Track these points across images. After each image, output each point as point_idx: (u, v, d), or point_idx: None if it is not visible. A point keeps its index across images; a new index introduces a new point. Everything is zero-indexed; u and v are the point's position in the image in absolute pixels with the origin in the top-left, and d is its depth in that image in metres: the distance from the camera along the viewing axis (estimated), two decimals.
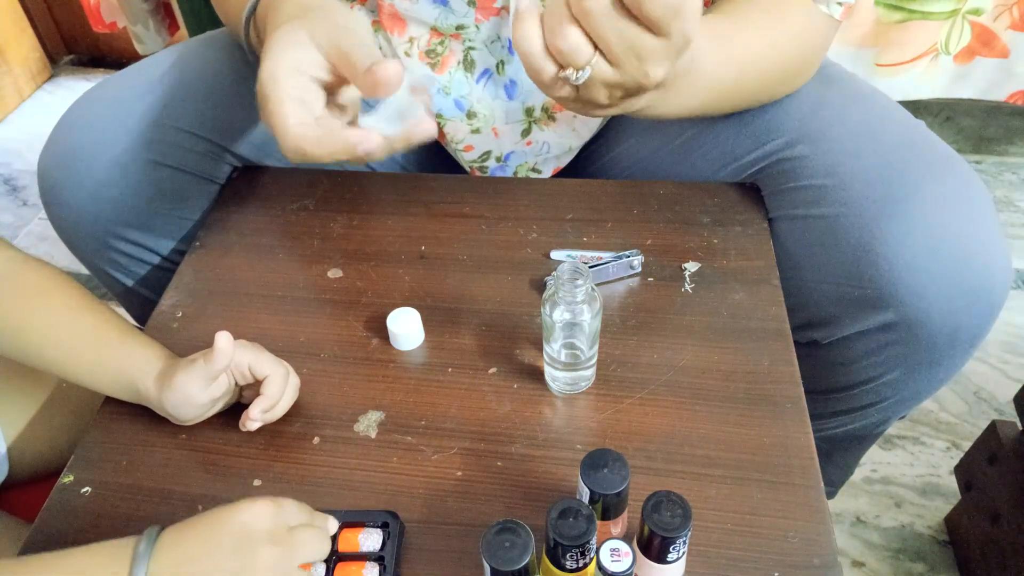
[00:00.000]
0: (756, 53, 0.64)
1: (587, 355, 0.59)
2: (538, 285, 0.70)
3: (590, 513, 0.42)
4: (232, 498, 0.56)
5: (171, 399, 0.57)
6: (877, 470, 1.10)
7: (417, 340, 0.66)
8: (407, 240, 0.75)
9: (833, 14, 0.65)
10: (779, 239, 0.71)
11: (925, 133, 0.68)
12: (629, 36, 0.46)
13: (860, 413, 0.76)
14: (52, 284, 0.61)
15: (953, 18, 1.24)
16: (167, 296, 0.71)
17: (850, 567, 1.00)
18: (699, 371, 0.62)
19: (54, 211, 0.76)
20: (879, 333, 0.66)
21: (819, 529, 0.53)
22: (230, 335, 0.55)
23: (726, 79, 0.63)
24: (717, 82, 0.63)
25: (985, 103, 1.47)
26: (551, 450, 0.58)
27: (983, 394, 1.19)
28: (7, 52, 1.80)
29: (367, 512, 0.54)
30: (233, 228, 0.77)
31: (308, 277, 0.72)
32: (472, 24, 0.72)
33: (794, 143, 0.69)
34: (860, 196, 0.64)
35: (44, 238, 1.51)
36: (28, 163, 1.69)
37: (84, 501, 0.57)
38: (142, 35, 1.50)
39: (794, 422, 0.58)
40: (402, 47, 0.76)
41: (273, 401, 0.58)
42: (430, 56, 0.76)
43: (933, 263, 0.61)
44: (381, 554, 0.52)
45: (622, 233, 0.73)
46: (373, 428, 0.60)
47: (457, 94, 0.77)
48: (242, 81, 0.77)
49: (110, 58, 1.97)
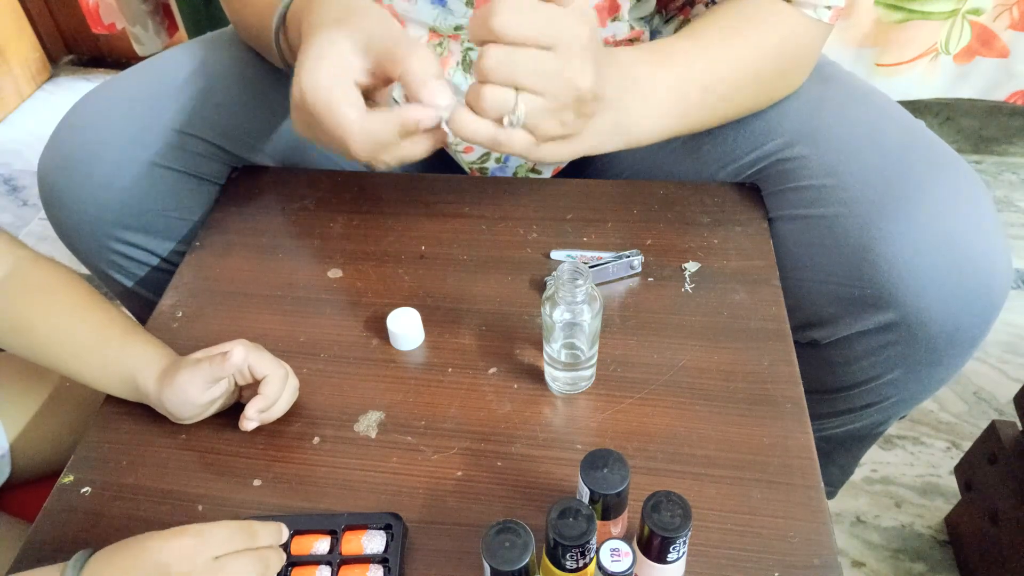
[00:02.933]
0: (727, 68, 0.65)
1: (587, 355, 0.59)
2: (538, 285, 0.70)
3: (590, 513, 0.42)
4: (232, 498, 0.57)
5: (171, 398, 0.57)
6: (877, 470, 1.10)
7: (417, 340, 0.66)
8: (407, 240, 0.75)
9: (822, 18, 0.65)
10: (779, 239, 0.71)
11: (925, 133, 0.68)
12: (528, 63, 0.49)
13: (860, 413, 0.76)
14: (60, 282, 0.62)
15: (953, 18, 1.24)
16: (167, 296, 0.71)
17: (850, 567, 1.00)
18: (699, 371, 0.62)
19: (54, 213, 0.76)
20: (879, 333, 0.66)
21: (819, 529, 0.53)
22: (246, 352, 0.56)
23: (691, 97, 0.64)
24: (682, 98, 0.64)
25: (985, 103, 1.47)
26: (551, 450, 0.58)
27: (983, 394, 1.19)
28: (7, 52, 1.80)
29: (370, 515, 0.54)
30: (233, 228, 0.77)
31: (308, 277, 0.72)
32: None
33: (794, 143, 0.69)
34: (860, 196, 0.64)
35: (44, 238, 1.51)
36: (28, 163, 1.69)
37: (84, 501, 0.57)
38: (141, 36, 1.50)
39: (794, 422, 0.58)
40: None
41: (270, 401, 0.58)
42: None
43: (933, 263, 0.61)
44: (385, 556, 0.52)
45: (622, 233, 0.73)
46: (373, 428, 0.60)
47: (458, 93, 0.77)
48: (242, 82, 0.77)
49: (110, 58, 1.97)
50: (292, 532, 0.53)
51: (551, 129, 0.54)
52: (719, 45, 0.65)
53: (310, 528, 0.53)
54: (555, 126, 0.54)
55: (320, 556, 0.52)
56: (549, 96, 0.52)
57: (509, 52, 0.49)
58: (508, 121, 0.52)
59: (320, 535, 0.53)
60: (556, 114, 0.53)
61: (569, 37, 0.50)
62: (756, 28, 0.65)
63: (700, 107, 0.65)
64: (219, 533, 0.46)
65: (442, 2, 0.71)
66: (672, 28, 0.78)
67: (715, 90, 0.65)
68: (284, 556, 0.50)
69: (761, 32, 0.65)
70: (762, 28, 0.65)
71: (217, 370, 0.56)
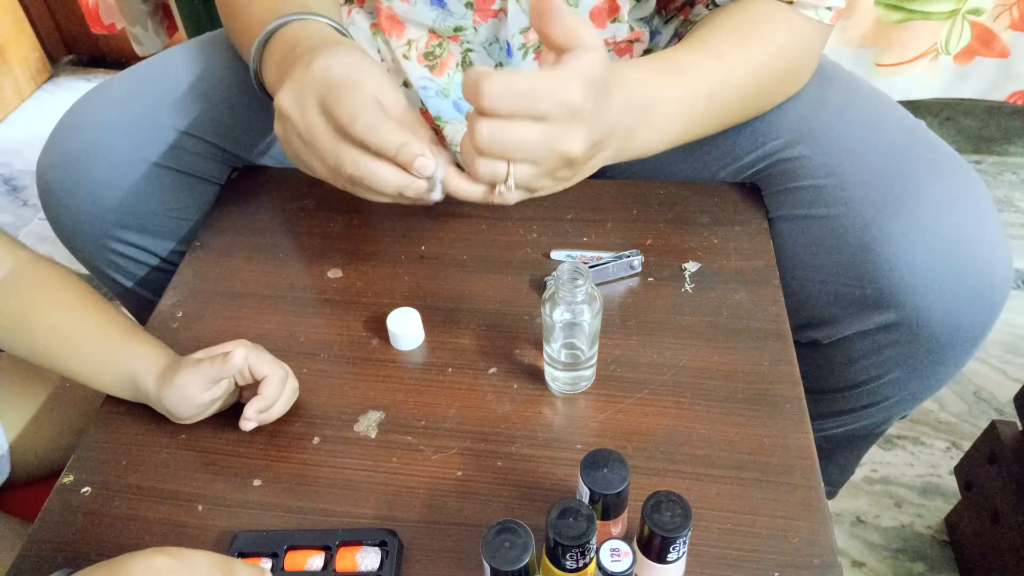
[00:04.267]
0: (734, 76, 0.65)
1: (587, 355, 0.59)
2: (538, 285, 0.70)
3: (590, 513, 0.42)
4: (232, 498, 0.57)
5: (171, 397, 0.57)
6: (877, 470, 1.10)
7: (417, 340, 0.66)
8: (407, 240, 0.75)
9: (823, 19, 0.65)
10: (780, 239, 0.71)
11: (925, 132, 0.68)
12: (517, 137, 0.50)
13: (861, 413, 0.76)
14: (59, 283, 0.62)
15: (953, 18, 1.24)
16: (167, 296, 0.71)
17: (850, 567, 1.00)
18: (699, 371, 0.62)
19: (53, 213, 0.76)
20: (880, 333, 0.66)
21: (819, 529, 0.53)
22: (247, 353, 0.56)
23: (697, 107, 0.64)
24: (688, 111, 0.63)
25: (985, 103, 1.47)
26: (551, 450, 0.58)
27: (983, 394, 1.19)
28: (7, 52, 1.80)
29: (365, 530, 0.53)
30: (233, 228, 0.77)
31: (308, 277, 0.72)
32: (470, 26, 0.72)
33: (794, 143, 0.69)
34: (861, 196, 0.64)
35: (44, 238, 1.51)
36: (28, 163, 1.69)
37: (84, 501, 0.57)
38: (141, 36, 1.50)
39: (794, 422, 0.58)
40: (400, 50, 0.76)
41: (269, 402, 0.58)
42: (428, 58, 0.76)
43: (934, 263, 0.61)
44: (380, 573, 0.51)
45: (622, 233, 0.73)
46: (373, 428, 0.60)
47: (456, 96, 0.77)
48: (241, 83, 0.77)
49: (110, 58, 1.97)
50: (286, 547, 0.52)
51: (545, 187, 0.55)
52: (728, 54, 0.64)
53: (304, 543, 0.53)
54: (549, 183, 0.55)
55: (314, 573, 0.51)
56: (540, 166, 0.52)
57: (499, 128, 0.49)
58: (498, 191, 0.53)
59: (314, 551, 0.53)
60: (549, 175, 0.54)
61: (557, 106, 0.49)
62: (760, 33, 0.65)
63: (705, 117, 0.65)
64: (200, 560, 0.44)
65: (441, 3, 0.71)
66: (672, 29, 0.78)
67: (721, 100, 0.65)
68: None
69: (765, 37, 0.65)
70: (766, 33, 0.65)
71: (218, 371, 0.56)
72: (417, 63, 0.76)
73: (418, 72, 0.76)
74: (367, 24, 0.78)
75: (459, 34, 0.73)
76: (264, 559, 0.52)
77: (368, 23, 0.78)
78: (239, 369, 0.56)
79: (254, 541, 0.53)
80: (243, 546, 0.53)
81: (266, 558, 0.52)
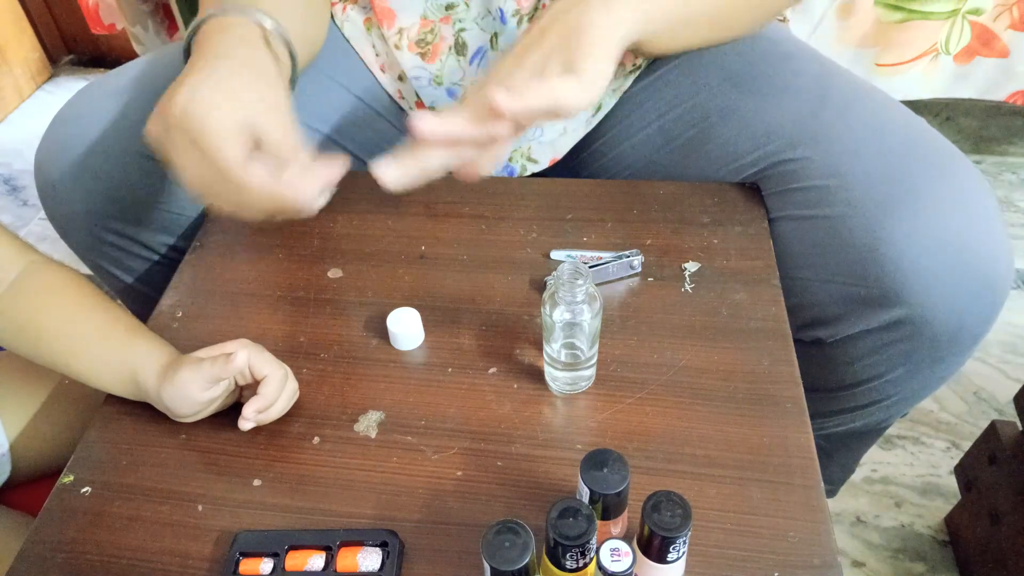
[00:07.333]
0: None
1: (587, 355, 0.59)
2: (538, 285, 0.70)
3: (590, 513, 0.42)
4: (232, 498, 0.57)
5: (171, 394, 0.57)
6: (877, 470, 1.10)
7: (417, 340, 0.66)
8: (407, 240, 0.75)
9: None
10: (783, 239, 0.71)
11: (927, 131, 0.68)
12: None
13: (863, 411, 0.76)
14: (66, 283, 0.63)
15: (953, 18, 1.24)
16: (167, 296, 0.71)
17: (850, 567, 1.00)
18: (699, 371, 0.62)
19: (49, 204, 0.76)
20: (884, 331, 0.66)
21: (819, 529, 0.53)
22: (248, 354, 0.56)
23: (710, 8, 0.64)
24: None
25: (985, 103, 1.47)
26: (551, 450, 0.58)
27: (983, 394, 1.19)
28: (7, 52, 1.80)
29: (365, 531, 0.53)
30: (233, 228, 0.77)
31: (308, 277, 0.72)
32: (462, 2, 0.72)
33: (795, 144, 0.69)
34: (864, 196, 0.64)
35: (44, 238, 1.52)
36: (28, 163, 1.68)
37: (84, 501, 0.57)
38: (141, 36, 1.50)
39: (794, 422, 0.58)
40: (392, 39, 0.76)
41: (268, 402, 0.58)
42: (420, 45, 0.76)
43: (938, 261, 0.61)
44: (380, 574, 0.51)
45: (622, 233, 0.73)
46: (373, 428, 0.60)
47: (449, 82, 0.77)
48: None
49: (110, 58, 1.97)
50: (287, 547, 0.52)
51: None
52: None
53: (305, 544, 0.53)
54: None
55: (314, 573, 0.51)
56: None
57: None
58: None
59: (315, 551, 0.53)
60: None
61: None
62: None
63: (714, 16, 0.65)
64: None
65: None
66: None
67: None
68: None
69: None
70: None
71: (219, 371, 0.56)
72: (408, 51, 0.76)
73: (411, 61, 0.76)
74: (361, 20, 0.79)
75: (450, 13, 0.73)
76: (265, 559, 0.52)
77: (362, 18, 0.79)
78: (240, 370, 0.57)
79: (255, 541, 0.53)
80: (244, 546, 0.53)
81: (267, 558, 0.52)
